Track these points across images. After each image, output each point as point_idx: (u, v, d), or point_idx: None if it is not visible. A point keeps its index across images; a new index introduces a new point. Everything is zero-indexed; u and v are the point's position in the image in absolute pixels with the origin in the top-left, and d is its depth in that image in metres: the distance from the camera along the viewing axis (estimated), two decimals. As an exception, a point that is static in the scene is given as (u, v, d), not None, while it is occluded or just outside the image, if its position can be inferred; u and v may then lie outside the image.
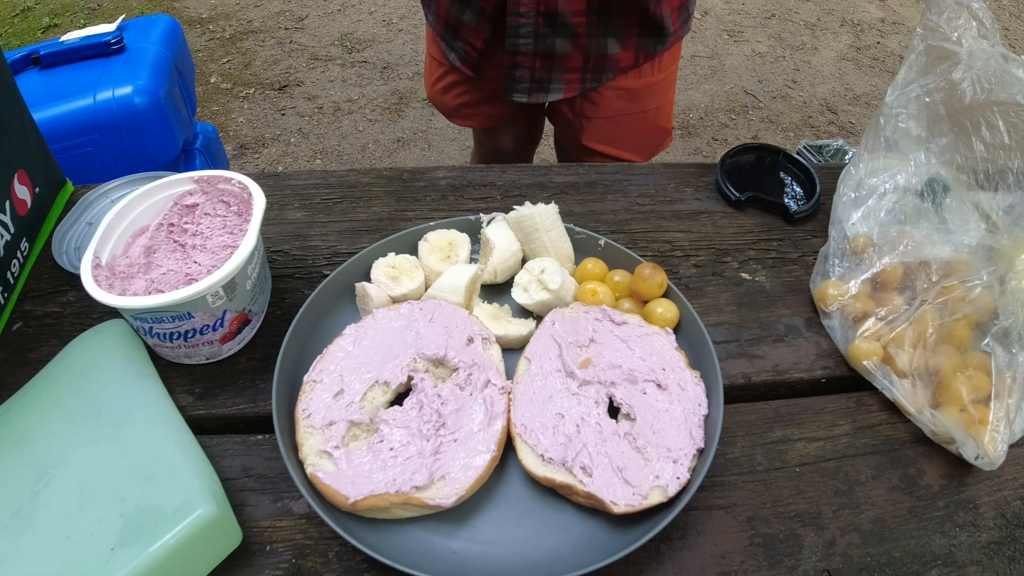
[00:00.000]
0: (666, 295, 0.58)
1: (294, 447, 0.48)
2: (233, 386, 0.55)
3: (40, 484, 0.44)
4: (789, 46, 2.78)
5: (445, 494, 0.45)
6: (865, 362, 0.56)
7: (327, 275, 0.59)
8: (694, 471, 0.47)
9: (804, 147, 1.97)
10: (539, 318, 0.58)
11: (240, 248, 0.52)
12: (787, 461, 0.51)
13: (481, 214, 0.63)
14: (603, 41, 0.87)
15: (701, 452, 0.48)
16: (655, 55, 0.91)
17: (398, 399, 0.52)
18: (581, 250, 0.63)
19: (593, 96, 0.94)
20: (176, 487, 0.43)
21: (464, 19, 0.89)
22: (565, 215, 0.65)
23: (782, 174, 0.75)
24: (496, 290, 0.62)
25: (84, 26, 1.97)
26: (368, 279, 0.59)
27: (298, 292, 0.63)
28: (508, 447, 0.50)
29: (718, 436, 0.48)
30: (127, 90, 1.30)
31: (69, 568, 0.39)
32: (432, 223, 0.63)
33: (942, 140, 0.60)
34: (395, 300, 0.58)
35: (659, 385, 0.51)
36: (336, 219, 0.70)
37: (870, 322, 0.58)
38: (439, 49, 0.99)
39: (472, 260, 0.62)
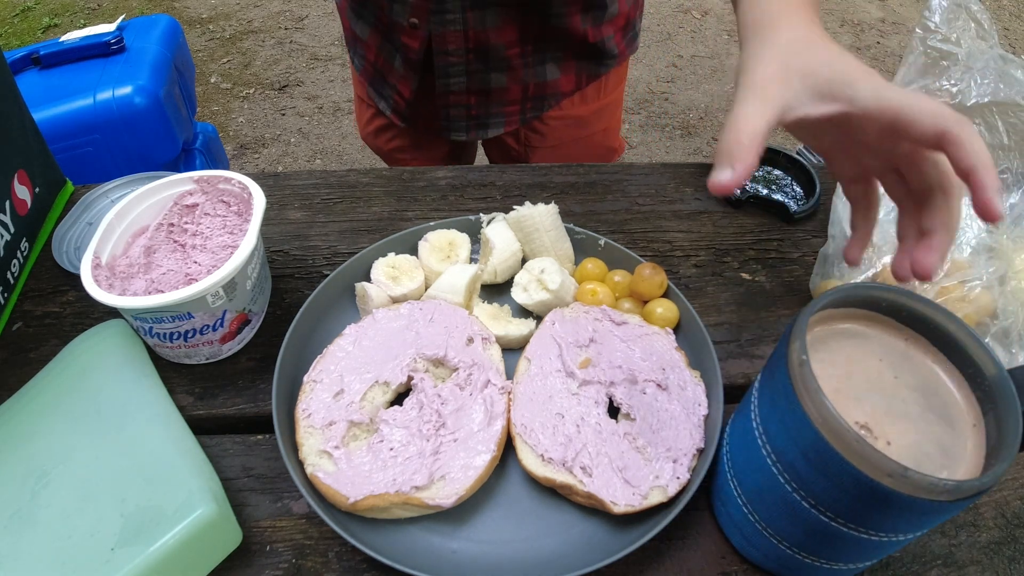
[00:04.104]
0: (666, 295, 0.58)
1: (294, 447, 0.48)
2: (233, 386, 0.55)
3: (40, 484, 0.44)
4: (789, 46, 2.78)
5: (445, 494, 0.45)
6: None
7: (327, 275, 0.59)
8: (694, 471, 0.47)
9: (804, 147, 1.97)
10: (539, 318, 0.58)
11: (240, 248, 0.52)
12: (787, 461, 0.51)
13: (481, 214, 0.63)
14: (541, 69, 0.83)
15: (701, 452, 0.48)
16: (598, 76, 0.88)
17: (398, 399, 0.52)
18: (581, 250, 0.63)
19: (539, 127, 0.91)
20: (176, 487, 0.43)
21: (394, 65, 0.85)
22: (565, 215, 0.65)
23: (782, 174, 0.75)
24: (496, 290, 0.62)
25: (84, 26, 1.97)
26: (368, 279, 0.59)
27: (298, 292, 0.63)
28: (508, 447, 0.50)
29: (718, 436, 0.48)
30: (127, 90, 1.30)
31: (69, 568, 0.39)
32: (432, 223, 0.63)
33: (942, 140, 0.60)
34: (395, 300, 0.59)
35: (659, 385, 0.51)
36: (336, 219, 0.70)
37: (870, 322, 0.58)
38: (367, 92, 0.95)
39: (472, 260, 0.63)
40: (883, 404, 0.36)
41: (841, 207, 0.64)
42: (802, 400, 0.34)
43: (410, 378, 0.52)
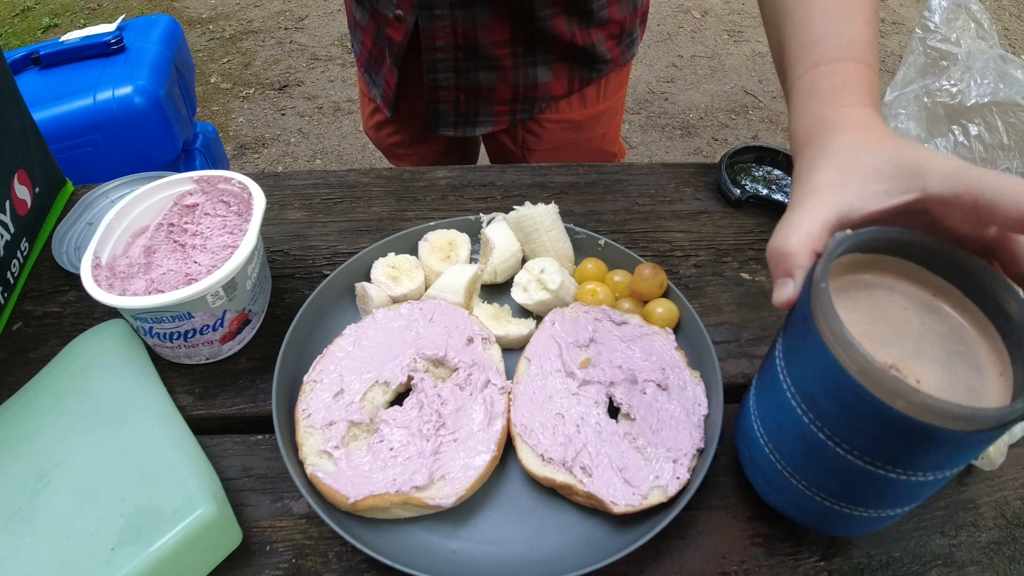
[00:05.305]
0: (666, 295, 0.58)
1: (294, 447, 0.48)
2: (233, 386, 0.55)
3: (40, 484, 0.44)
4: (789, 46, 2.78)
5: (445, 494, 0.45)
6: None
7: (327, 275, 0.59)
8: (694, 471, 0.47)
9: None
10: (539, 318, 0.58)
11: (240, 248, 0.52)
12: (787, 461, 0.51)
13: (481, 214, 0.63)
14: (531, 71, 0.82)
15: (701, 452, 0.48)
16: (592, 81, 0.87)
17: (398, 399, 0.52)
18: (581, 250, 0.63)
19: (535, 128, 0.90)
20: (176, 487, 0.43)
21: (386, 55, 0.85)
22: (565, 215, 0.65)
23: (782, 174, 0.75)
24: (496, 290, 0.62)
25: (84, 26, 1.97)
26: (368, 279, 0.60)
27: (298, 292, 0.63)
28: (508, 447, 0.50)
29: (718, 436, 0.48)
30: (127, 90, 1.30)
31: (69, 568, 0.39)
32: (432, 223, 0.63)
33: (942, 140, 0.61)
34: (395, 300, 0.59)
35: (659, 385, 0.51)
36: (336, 219, 0.70)
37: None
38: (365, 83, 0.95)
39: (472, 260, 0.63)
40: (910, 347, 0.36)
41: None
42: (817, 323, 0.34)
43: (410, 378, 0.52)
